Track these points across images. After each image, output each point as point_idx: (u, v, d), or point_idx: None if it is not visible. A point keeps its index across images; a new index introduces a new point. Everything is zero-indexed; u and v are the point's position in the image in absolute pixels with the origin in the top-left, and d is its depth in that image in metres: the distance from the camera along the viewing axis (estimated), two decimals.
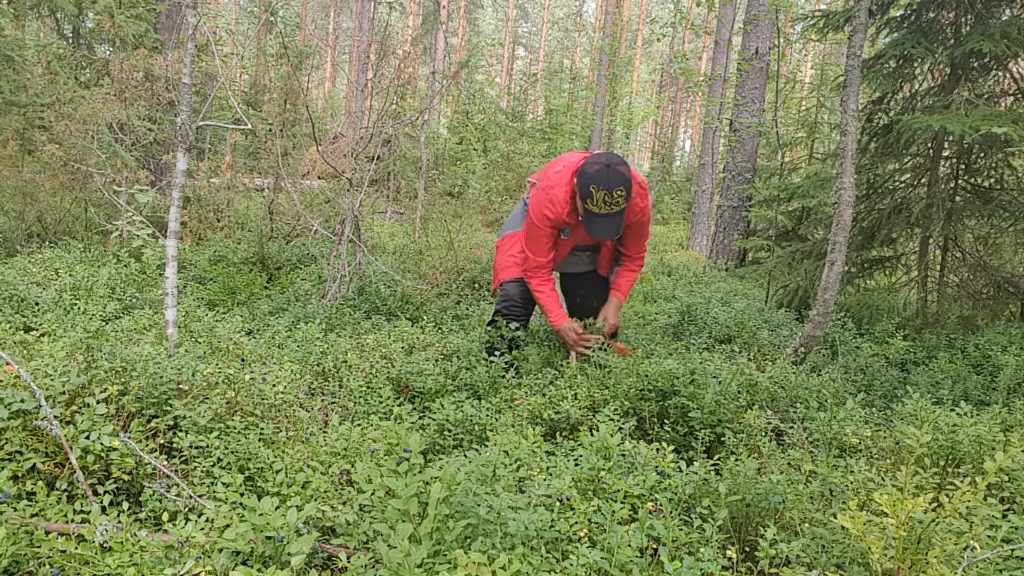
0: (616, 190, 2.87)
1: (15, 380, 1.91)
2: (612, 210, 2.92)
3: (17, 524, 1.55)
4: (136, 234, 4.81)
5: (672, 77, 33.17)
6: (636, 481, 1.80)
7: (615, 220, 2.97)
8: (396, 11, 27.25)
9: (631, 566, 1.46)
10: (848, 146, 3.33)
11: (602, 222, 2.97)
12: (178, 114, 2.88)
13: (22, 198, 5.89)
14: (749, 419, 2.42)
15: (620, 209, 2.94)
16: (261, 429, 2.07)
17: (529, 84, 18.50)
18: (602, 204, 2.90)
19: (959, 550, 1.45)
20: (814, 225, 7.57)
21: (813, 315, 3.42)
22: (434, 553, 1.43)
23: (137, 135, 6.07)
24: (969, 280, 4.87)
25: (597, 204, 2.91)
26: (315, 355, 2.94)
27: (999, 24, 4.07)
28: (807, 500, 1.77)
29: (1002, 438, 2.21)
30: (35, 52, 8.07)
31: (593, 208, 2.93)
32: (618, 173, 2.89)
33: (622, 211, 2.96)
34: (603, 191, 2.86)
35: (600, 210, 2.93)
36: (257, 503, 1.49)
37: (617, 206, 2.91)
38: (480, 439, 2.35)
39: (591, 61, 26.14)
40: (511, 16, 38.03)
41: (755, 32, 9.24)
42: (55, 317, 3.28)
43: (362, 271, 4.64)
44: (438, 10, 13.58)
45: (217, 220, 6.66)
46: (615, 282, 3.41)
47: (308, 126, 7.20)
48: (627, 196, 2.90)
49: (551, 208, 3.08)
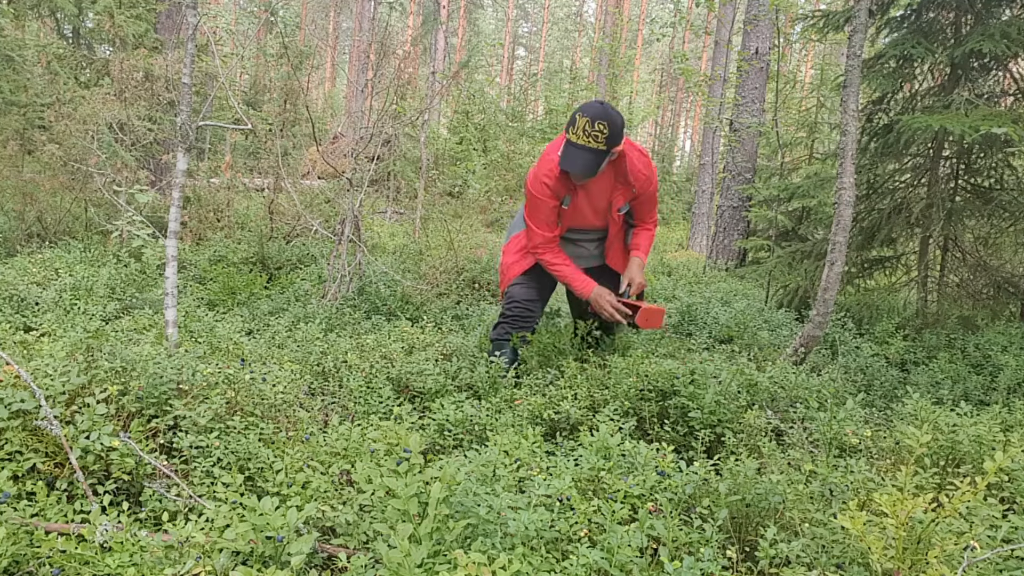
0: (599, 122, 2.77)
1: (15, 380, 1.91)
2: (588, 143, 2.81)
3: (17, 524, 1.55)
4: (136, 234, 4.81)
5: (672, 77, 33.17)
6: (636, 481, 1.80)
7: (589, 155, 2.84)
8: (396, 11, 27.25)
9: (631, 566, 1.46)
10: (848, 146, 3.33)
11: (574, 152, 2.84)
12: (178, 114, 2.88)
13: (22, 198, 5.89)
14: (749, 419, 2.42)
15: (597, 147, 2.82)
16: (261, 429, 2.07)
17: (529, 84, 18.51)
18: (581, 133, 2.80)
19: (959, 550, 1.45)
20: (814, 225, 7.57)
21: (813, 315, 3.42)
22: (434, 553, 1.43)
23: (137, 135, 6.07)
24: (969, 280, 4.87)
25: (577, 132, 2.81)
26: (315, 355, 2.94)
27: (999, 24, 4.07)
28: (807, 500, 1.77)
29: (1002, 438, 2.21)
30: (35, 52, 8.07)
31: (572, 136, 2.84)
32: (610, 111, 2.82)
33: (599, 152, 2.84)
34: (586, 118, 2.78)
35: (578, 139, 2.82)
36: (257, 503, 1.49)
37: (595, 141, 2.80)
38: (480, 439, 2.35)
39: (591, 61, 26.14)
40: (511, 16, 38.03)
41: (755, 32, 9.24)
42: (55, 317, 3.28)
43: (362, 271, 4.64)
44: (438, 10, 13.57)
45: (217, 220, 6.65)
46: (633, 242, 3.27)
47: (308, 126, 7.20)
48: (608, 137, 2.79)
49: (548, 175, 2.99)
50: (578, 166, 2.86)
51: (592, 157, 2.85)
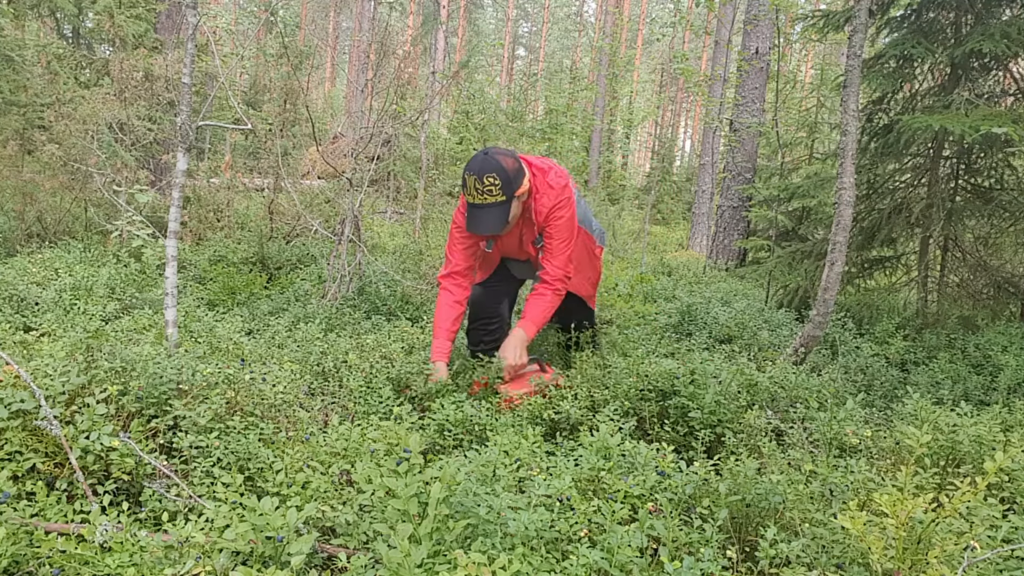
0: (487, 176, 2.67)
1: (15, 380, 1.91)
2: (486, 200, 2.71)
3: (17, 524, 1.55)
4: (136, 234, 4.81)
5: (672, 77, 33.17)
6: (636, 481, 1.80)
7: (492, 212, 2.74)
8: (396, 11, 27.24)
9: (631, 566, 1.46)
10: (848, 146, 3.33)
11: (475, 213, 2.75)
12: (178, 114, 2.88)
13: (22, 198, 5.88)
14: (749, 419, 2.42)
15: (496, 200, 2.71)
16: (261, 429, 2.07)
17: (529, 84, 18.50)
18: (474, 192, 2.71)
19: (959, 550, 1.45)
20: (814, 225, 7.57)
21: (813, 315, 3.42)
22: (434, 553, 1.43)
23: (137, 135, 6.07)
24: (969, 280, 4.87)
25: (470, 192, 2.72)
26: (315, 355, 2.94)
27: (999, 24, 4.07)
28: (807, 500, 1.77)
29: (1002, 438, 2.21)
30: (35, 52, 8.06)
31: (468, 198, 2.75)
32: (493, 160, 2.70)
33: (500, 204, 2.73)
34: (473, 176, 2.69)
35: (474, 199, 2.73)
36: (257, 503, 1.49)
37: (491, 195, 2.70)
38: (480, 439, 2.35)
39: (591, 61, 26.14)
40: (511, 16, 38.03)
41: (755, 32, 9.24)
42: (55, 317, 3.28)
43: (362, 271, 4.64)
44: (438, 10, 13.57)
45: (217, 220, 6.65)
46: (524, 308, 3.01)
47: (308, 126, 7.20)
48: (503, 187, 2.69)
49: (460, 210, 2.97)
50: (486, 225, 2.77)
51: (496, 211, 2.75)
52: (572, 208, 2.95)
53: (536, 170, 2.93)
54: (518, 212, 2.87)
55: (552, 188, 2.90)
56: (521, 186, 2.79)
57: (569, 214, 2.93)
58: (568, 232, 2.95)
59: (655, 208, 18.57)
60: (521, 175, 2.79)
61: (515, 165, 2.76)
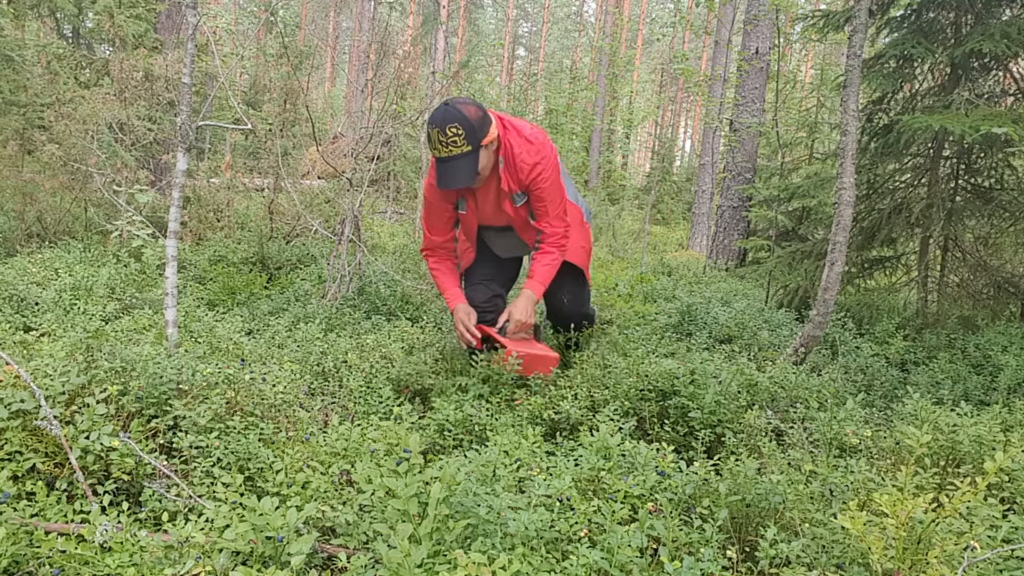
0: (449, 127, 2.58)
1: (15, 380, 1.91)
2: (451, 152, 2.62)
3: (17, 524, 1.55)
4: (136, 234, 4.81)
5: (672, 77, 33.17)
6: (636, 481, 1.80)
7: (459, 164, 2.64)
8: (396, 11, 27.24)
9: (631, 566, 1.46)
10: (848, 146, 3.33)
11: (443, 168, 2.66)
12: (178, 114, 2.88)
13: (22, 198, 5.88)
14: (749, 419, 2.42)
15: (462, 151, 2.62)
16: (261, 429, 2.07)
17: (529, 84, 18.50)
18: (439, 146, 2.62)
19: (959, 550, 1.45)
20: (814, 225, 7.57)
21: (813, 315, 3.42)
22: (434, 553, 1.43)
23: (137, 135, 6.07)
24: (969, 280, 4.87)
25: (435, 147, 2.63)
26: (315, 355, 2.94)
27: (999, 24, 4.07)
28: (807, 500, 1.77)
29: (1002, 438, 2.21)
30: (35, 52, 8.06)
31: (434, 153, 2.66)
32: (454, 110, 2.60)
33: (467, 154, 2.63)
34: (436, 129, 2.60)
35: (439, 153, 2.64)
36: (257, 503, 1.49)
37: (455, 147, 2.60)
38: (480, 439, 2.35)
39: (591, 61, 26.15)
40: (511, 16, 38.03)
41: (755, 32, 9.24)
42: (55, 317, 3.28)
43: (362, 271, 4.64)
44: (438, 10, 13.56)
45: (217, 220, 6.65)
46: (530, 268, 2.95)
47: (308, 126, 7.20)
48: (468, 136, 2.60)
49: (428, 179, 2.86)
50: (456, 179, 2.68)
51: (462, 164, 2.66)
52: (556, 163, 2.85)
53: (508, 124, 2.82)
54: (488, 163, 2.77)
55: (531, 143, 2.80)
56: (487, 134, 2.69)
57: (553, 171, 2.84)
58: (557, 189, 2.86)
59: (655, 208, 18.57)
60: (486, 123, 2.68)
61: (478, 113, 2.66)
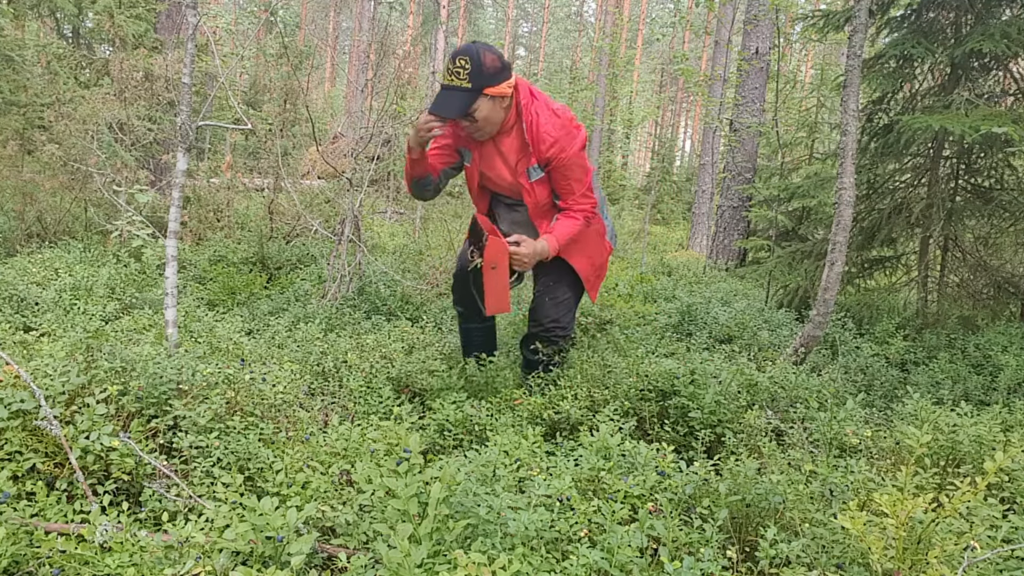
0: (460, 57, 2.59)
1: (15, 380, 1.91)
2: (452, 81, 2.62)
3: (17, 524, 1.55)
4: (136, 234, 4.80)
5: (672, 77, 33.17)
6: (636, 481, 1.80)
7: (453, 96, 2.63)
8: (396, 11, 27.24)
9: (631, 566, 1.46)
10: (848, 146, 3.33)
11: (442, 95, 2.66)
12: (178, 114, 2.88)
13: (22, 198, 5.88)
14: (749, 419, 2.42)
15: (461, 84, 2.61)
16: (261, 429, 2.07)
17: None
18: (446, 72, 2.63)
19: (959, 550, 1.45)
20: (814, 225, 7.57)
21: (813, 315, 3.43)
22: (434, 553, 1.43)
23: (137, 135, 6.07)
24: (969, 280, 4.87)
25: (444, 72, 2.65)
26: (315, 355, 2.94)
27: (999, 24, 4.07)
28: (807, 500, 1.77)
29: (1002, 438, 2.21)
30: (35, 52, 8.07)
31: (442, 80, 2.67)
32: (473, 48, 2.62)
33: (464, 90, 2.62)
34: (451, 57, 2.63)
35: (444, 80, 2.65)
36: (257, 503, 1.49)
37: (458, 78, 2.61)
38: (480, 439, 2.35)
39: (591, 61, 26.15)
40: (511, 16, 38.04)
41: (755, 32, 9.24)
42: (55, 317, 3.28)
43: (362, 271, 4.64)
44: (438, 10, 13.57)
45: (217, 220, 6.65)
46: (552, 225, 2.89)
47: (308, 126, 7.20)
48: (472, 74, 2.60)
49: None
50: (443, 106, 2.65)
51: (457, 96, 2.63)
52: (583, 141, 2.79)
53: (537, 94, 2.79)
54: (492, 116, 2.73)
55: (558, 116, 2.75)
56: (496, 85, 2.65)
57: (579, 148, 2.77)
58: (582, 167, 2.80)
59: (655, 208, 18.58)
60: (500, 76, 2.65)
61: (496, 64, 2.63)
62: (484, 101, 2.67)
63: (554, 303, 2.97)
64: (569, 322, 3.04)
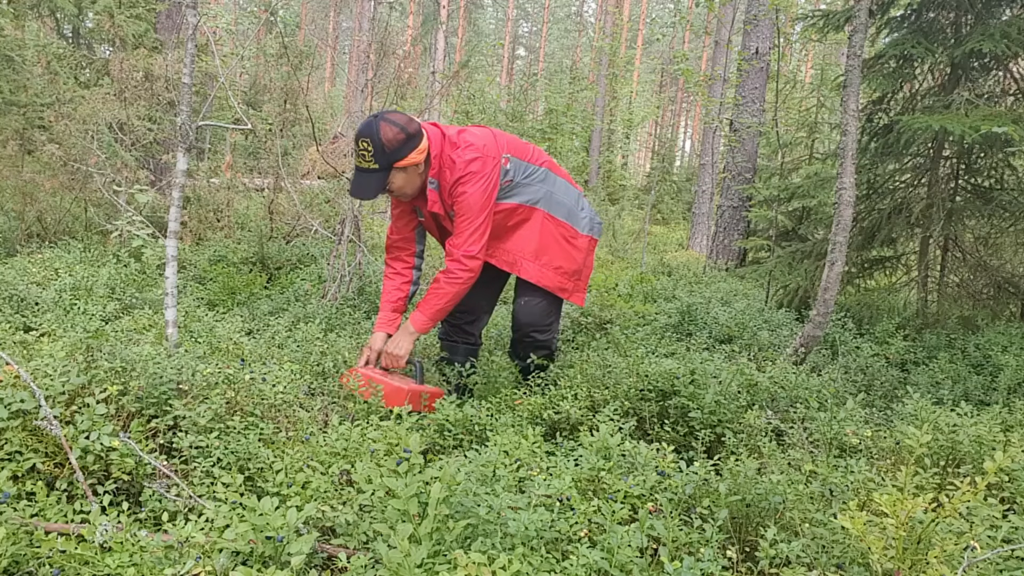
0: (361, 140, 2.55)
1: (15, 380, 1.91)
2: (361, 164, 2.60)
3: (17, 524, 1.55)
4: (136, 234, 4.81)
5: (672, 77, 33.17)
6: (636, 481, 1.80)
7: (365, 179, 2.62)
8: (396, 11, 27.23)
9: (631, 566, 1.46)
10: (848, 146, 3.33)
11: (356, 176, 2.65)
12: (178, 114, 2.88)
13: (22, 198, 5.88)
14: (749, 419, 2.42)
15: (369, 167, 2.59)
16: (261, 429, 2.07)
17: (529, 84, 18.49)
18: (356, 154, 2.61)
19: (959, 550, 1.45)
20: (814, 225, 7.57)
21: (813, 315, 3.42)
22: (434, 553, 1.43)
23: (137, 135, 6.07)
24: (969, 280, 4.87)
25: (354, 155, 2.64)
26: (315, 355, 2.94)
27: (999, 24, 4.07)
28: (807, 500, 1.77)
29: (1002, 438, 2.21)
30: (35, 52, 8.06)
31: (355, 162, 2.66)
32: (372, 127, 2.56)
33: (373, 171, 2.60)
34: (355, 137, 2.59)
35: (356, 162, 2.64)
36: (257, 503, 1.49)
37: (364, 160, 2.58)
38: (480, 439, 2.35)
39: (591, 61, 26.16)
40: (511, 16, 38.03)
41: (755, 32, 9.24)
42: (55, 317, 3.28)
43: (362, 271, 4.64)
44: (438, 10, 13.57)
45: (217, 220, 6.65)
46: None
47: (308, 126, 7.20)
48: (376, 155, 2.56)
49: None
50: (358, 190, 2.68)
51: (369, 178, 2.63)
52: (480, 183, 2.69)
53: (449, 143, 2.73)
54: (412, 183, 2.72)
55: (455, 162, 2.69)
56: (404, 158, 2.61)
57: (475, 189, 2.68)
58: (473, 209, 2.69)
59: (655, 208, 18.58)
60: (407, 147, 2.59)
61: (399, 137, 2.57)
62: (397, 174, 2.67)
63: (528, 308, 3.01)
64: (548, 325, 3.06)
